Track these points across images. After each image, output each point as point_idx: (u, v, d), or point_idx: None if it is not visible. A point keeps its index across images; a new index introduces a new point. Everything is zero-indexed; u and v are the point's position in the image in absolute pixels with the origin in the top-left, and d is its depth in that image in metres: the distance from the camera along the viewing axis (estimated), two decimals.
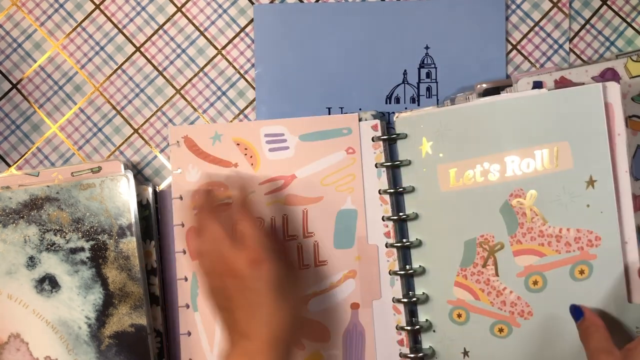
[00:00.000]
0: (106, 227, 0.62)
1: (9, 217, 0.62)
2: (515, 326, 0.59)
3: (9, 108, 0.68)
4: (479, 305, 0.60)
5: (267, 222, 0.63)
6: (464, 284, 0.60)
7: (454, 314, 0.61)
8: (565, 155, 0.57)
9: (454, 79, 0.66)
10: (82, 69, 0.68)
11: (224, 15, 0.68)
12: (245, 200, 0.62)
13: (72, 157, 0.67)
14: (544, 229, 0.58)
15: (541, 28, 0.66)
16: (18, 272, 0.62)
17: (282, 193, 0.63)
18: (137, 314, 0.62)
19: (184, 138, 0.65)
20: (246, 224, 0.55)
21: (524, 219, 0.58)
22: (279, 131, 0.64)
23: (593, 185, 0.57)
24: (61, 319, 0.62)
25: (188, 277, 0.63)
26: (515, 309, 0.59)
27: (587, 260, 0.57)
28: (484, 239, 0.59)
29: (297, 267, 0.62)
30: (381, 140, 0.63)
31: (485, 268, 0.59)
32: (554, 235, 0.58)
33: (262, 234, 0.55)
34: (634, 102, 0.61)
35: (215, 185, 0.64)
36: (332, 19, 0.67)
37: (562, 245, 0.58)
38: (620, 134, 0.58)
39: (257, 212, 0.63)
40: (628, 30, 0.66)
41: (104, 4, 0.68)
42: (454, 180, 0.60)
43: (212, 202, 0.61)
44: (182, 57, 0.68)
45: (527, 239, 0.58)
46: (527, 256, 0.58)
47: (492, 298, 0.59)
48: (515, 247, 0.59)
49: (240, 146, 0.64)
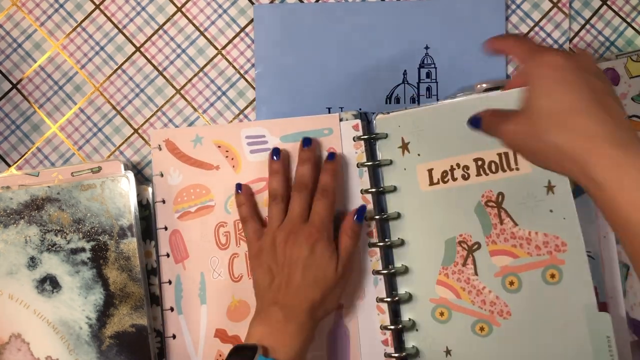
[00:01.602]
0: (107, 227, 0.62)
1: (9, 218, 0.62)
2: (495, 325, 0.59)
3: (9, 108, 0.68)
4: (460, 304, 0.60)
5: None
6: (446, 283, 0.61)
7: (436, 312, 0.61)
8: (524, 159, 0.56)
9: (454, 79, 0.66)
10: (82, 69, 0.68)
11: (224, 15, 0.68)
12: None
13: (72, 157, 0.67)
14: (515, 231, 0.59)
15: (541, 28, 0.66)
16: (19, 272, 0.62)
17: (264, 195, 0.63)
18: (137, 314, 0.62)
19: (165, 141, 0.65)
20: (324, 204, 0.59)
21: (496, 220, 0.59)
22: (259, 133, 0.64)
23: (552, 191, 0.57)
24: (62, 319, 0.62)
25: (172, 280, 0.63)
26: (494, 308, 0.59)
27: (557, 265, 0.58)
28: (462, 238, 0.60)
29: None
30: (362, 140, 0.63)
31: (465, 267, 0.60)
32: (524, 238, 0.59)
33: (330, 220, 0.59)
34: (634, 102, 0.62)
35: (198, 188, 0.64)
36: (332, 19, 0.67)
37: (533, 248, 0.58)
38: None
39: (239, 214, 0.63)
40: (628, 30, 0.66)
41: (104, 4, 0.68)
42: (432, 179, 0.61)
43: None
44: (182, 57, 0.68)
45: (501, 239, 0.59)
46: (503, 257, 0.59)
47: (472, 297, 0.60)
48: (491, 247, 0.59)
49: (221, 148, 0.64)
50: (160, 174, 0.64)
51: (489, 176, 0.59)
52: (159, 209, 0.64)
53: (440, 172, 0.61)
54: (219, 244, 0.63)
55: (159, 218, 0.64)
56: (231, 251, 0.63)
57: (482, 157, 0.60)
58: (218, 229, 0.64)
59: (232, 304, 0.63)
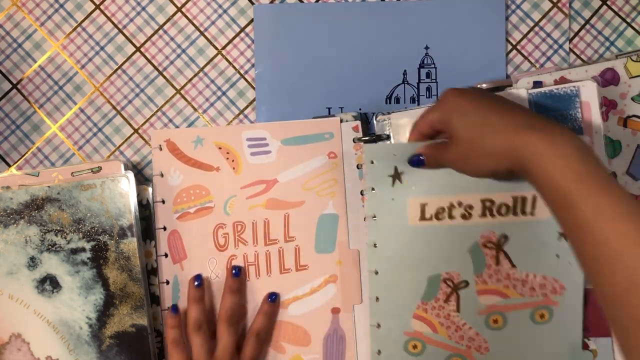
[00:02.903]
0: (107, 227, 0.62)
1: (10, 218, 0.62)
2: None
3: (9, 108, 0.68)
4: (436, 338, 0.60)
5: (247, 226, 0.63)
6: (424, 317, 0.60)
7: (409, 345, 0.60)
8: (542, 205, 0.57)
9: (454, 79, 0.66)
10: (82, 69, 0.68)
11: (224, 15, 0.68)
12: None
13: (72, 157, 0.67)
14: (511, 272, 0.58)
15: (541, 28, 0.66)
16: (19, 272, 0.62)
17: (264, 197, 0.63)
18: (137, 314, 0.62)
19: (166, 142, 0.65)
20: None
21: (492, 261, 0.58)
22: (260, 135, 0.64)
23: (566, 238, 0.56)
24: (62, 319, 0.62)
25: (170, 280, 0.63)
26: (472, 344, 0.59)
27: (549, 306, 0.58)
28: (449, 276, 0.59)
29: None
30: (362, 141, 0.63)
31: (446, 303, 0.59)
32: (520, 280, 0.58)
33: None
34: (634, 102, 0.62)
35: (198, 189, 0.64)
36: (332, 19, 0.66)
37: (527, 290, 0.58)
38: (597, 132, 0.59)
39: (238, 216, 0.63)
40: (628, 30, 0.66)
41: (104, 4, 0.68)
42: (424, 215, 0.59)
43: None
44: (182, 57, 0.68)
45: (493, 280, 0.59)
46: (491, 296, 0.59)
47: (450, 332, 0.59)
48: (480, 286, 0.59)
49: (222, 150, 0.64)
50: (160, 174, 0.64)
51: (496, 218, 0.58)
52: (159, 209, 0.64)
53: (435, 208, 0.58)
54: (218, 245, 0.63)
55: (158, 218, 0.64)
56: (229, 253, 0.63)
57: (491, 199, 0.58)
58: (217, 230, 0.64)
59: None
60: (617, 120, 0.62)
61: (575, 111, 0.59)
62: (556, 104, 0.60)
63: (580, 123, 0.59)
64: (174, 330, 0.60)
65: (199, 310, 0.60)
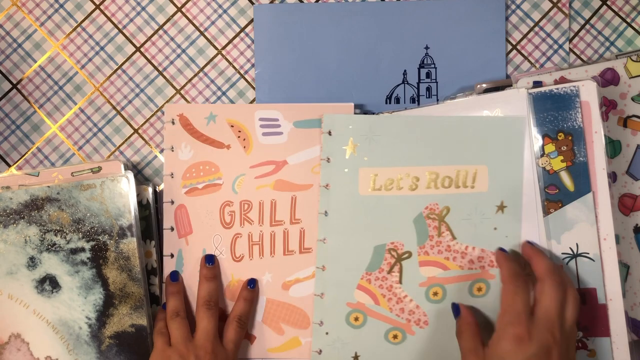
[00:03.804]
0: (107, 227, 0.62)
1: (9, 218, 0.62)
2: (409, 334, 0.61)
3: (9, 108, 0.68)
4: (377, 310, 0.61)
5: (254, 206, 0.64)
6: (367, 288, 0.61)
7: (351, 317, 0.61)
8: (482, 179, 0.60)
9: (454, 79, 0.66)
10: (82, 69, 0.68)
11: (224, 15, 0.68)
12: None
13: (72, 157, 0.67)
14: (452, 244, 0.60)
15: (541, 28, 0.66)
16: (19, 272, 0.62)
17: (272, 177, 0.64)
18: (137, 314, 0.62)
19: (179, 116, 0.65)
20: None
21: (435, 232, 0.60)
22: (274, 116, 0.64)
23: (503, 210, 0.60)
24: (62, 319, 0.62)
25: (174, 253, 0.64)
26: (412, 317, 0.61)
27: (486, 279, 0.60)
28: (393, 246, 0.61)
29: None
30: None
31: (390, 274, 0.61)
32: (459, 252, 0.60)
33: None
34: (634, 102, 0.62)
35: (207, 165, 0.64)
36: (332, 19, 0.66)
37: (466, 262, 0.60)
38: (597, 131, 0.59)
39: (245, 195, 0.64)
40: (628, 30, 0.66)
41: (104, 4, 0.68)
42: (375, 185, 0.61)
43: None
44: (182, 57, 0.68)
45: (434, 251, 0.61)
46: (432, 268, 0.61)
47: (392, 304, 0.61)
48: (422, 257, 0.61)
49: (234, 128, 0.64)
50: (171, 148, 0.65)
51: (439, 190, 0.61)
52: (167, 183, 0.64)
53: (385, 179, 0.61)
54: (224, 222, 0.64)
55: (166, 191, 0.64)
56: (235, 231, 0.64)
57: (437, 172, 0.61)
58: (224, 207, 0.64)
59: (231, 283, 0.64)
60: (617, 120, 0.62)
61: (575, 111, 0.59)
62: (556, 104, 0.60)
63: (580, 123, 0.59)
64: (175, 298, 0.62)
65: (175, 300, 0.62)
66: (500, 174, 0.60)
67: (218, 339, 0.60)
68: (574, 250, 0.59)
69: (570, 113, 0.60)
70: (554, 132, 0.60)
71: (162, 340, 0.60)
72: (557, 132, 0.60)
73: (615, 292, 0.58)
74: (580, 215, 0.59)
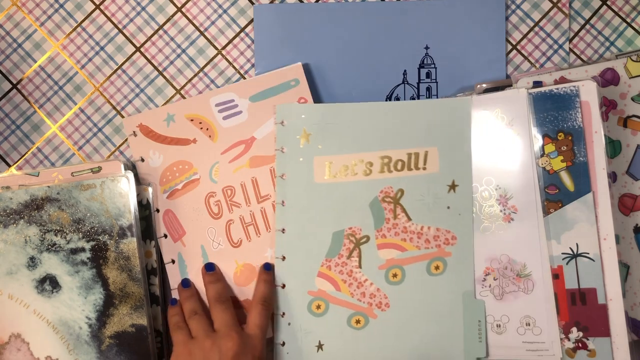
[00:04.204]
0: (107, 227, 0.62)
1: (9, 218, 0.62)
2: (371, 317, 0.62)
3: (9, 108, 0.68)
4: (339, 297, 0.62)
5: (237, 189, 0.64)
6: (327, 275, 0.62)
7: (313, 305, 0.62)
8: (433, 160, 0.62)
9: (454, 79, 0.66)
10: (82, 69, 0.68)
11: (224, 15, 0.68)
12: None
13: (72, 157, 0.67)
14: (408, 225, 0.62)
15: (541, 28, 0.66)
16: (19, 272, 0.62)
17: (246, 157, 0.64)
18: (137, 314, 0.62)
19: (139, 126, 0.65)
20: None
21: (390, 214, 0.62)
22: (228, 98, 0.65)
23: (454, 190, 0.61)
24: (62, 319, 0.62)
25: (175, 259, 0.64)
26: (373, 300, 0.62)
27: (443, 257, 0.62)
28: (351, 231, 0.62)
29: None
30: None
31: (349, 259, 0.62)
32: (415, 232, 0.62)
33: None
34: (634, 102, 0.62)
35: (180, 164, 0.65)
36: (332, 19, 0.66)
37: (422, 242, 0.62)
38: (597, 131, 0.59)
39: (225, 181, 0.64)
40: (628, 30, 0.66)
41: (104, 4, 0.68)
42: (330, 172, 0.62)
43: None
44: (182, 57, 0.68)
45: (391, 233, 0.62)
46: (390, 250, 0.62)
47: (352, 289, 0.62)
48: (380, 240, 0.62)
49: (194, 121, 0.65)
50: (140, 159, 0.65)
51: (393, 173, 0.62)
52: (148, 193, 0.65)
53: (340, 165, 0.62)
54: (212, 214, 0.64)
55: (150, 201, 0.65)
56: (225, 219, 0.64)
57: (389, 156, 0.62)
58: (208, 199, 0.64)
59: (237, 269, 0.64)
60: (617, 120, 0.62)
61: (575, 111, 0.59)
62: (556, 104, 0.60)
63: (580, 123, 0.59)
64: (190, 301, 0.62)
65: (190, 302, 0.62)
66: (450, 155, 0.62)
67: (240, 327, 0.60)
68: (574, 250, 0.59)
69: (570, 113, 0.60)
70: (554, 132, 0.60)
71: (183, 334, 0.60)
72: (557, 132, 0.60)
73: (615, 292, 0.59)
74: (580, 215, 0.59)
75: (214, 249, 0.64)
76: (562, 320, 0.60)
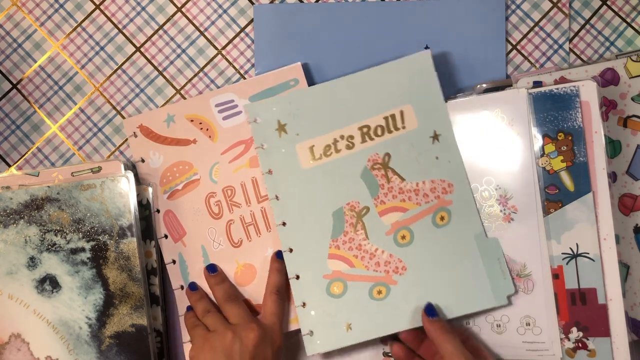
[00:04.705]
0: (107, 227, 0.62)
1: (9, 218, 0.62)
2: (392, 284, 0.61)
3: (9, 108, 0.68)
4: (354, 272, 0.62)
5: (237, 189, 0.64)
6: (338, 254, 0.62)
7: (331, 287, 0.62)
8: (410, 117, 0.63)
9: (454, 79, 0.66)
10: (82, 69, 0.68)
11: (224, 15, 0.68)
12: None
13: (72, 157, 0.67)
14: (403, 185, 0.62)
15: (541, 28, 0.66)
16: (19, 272, 0.62)
17: (245, 157, 0.64)
18: (137, 314, 0.62)
19: (139, 127, 0.65)
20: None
21: (383, 180, 0.62)
22: (228, 98, 0.65)
23: (438, 139, 0.62)
24: (62, 319, 0.62)
25: (175, 259, 0.64)
26: (389, 267, 0.61)
27: (445, 207, 0.62)
28: (350, 206, 0.62)
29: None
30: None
31: (355, 234, 0.62)
32: (412, 190, 0.62)
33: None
34: (634, 102, 0.62)
35: (181, 165, 0.65)
36: (332, 19, 0.67)
37: (421, 198, 0.62)
38: (597, 131, 0.59)
39: (225, 182, 0.64)
40: (628, 30, 0.66)
41: (104, 4, 0.68)
42: (314, 155, 0.63)
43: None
44: (182, 57, 0.68)
45: (389, 198, 0.62)
46: (392, 214, 0.62)
47: (366, 262, 0.62)
48: (380, 207, 0.62)
49: (194, 122, 0.65)
50: (141, 160, 0.65)
51: (375, 140, 0.62)
52: (149, 193, 0.65)
53: (322, 147, 0.63)
54: (212, 214, 0.64)
55: (150, 202, 0.64)
56: (226, 219, 0.64)
57: (367, 125, 0.63)
58: (208, 199, 0.64)
59: (238, 269, 0.64)
60: (617, 120, 0.62)
61: (575, 111, 0.59)
62: (556, 104, 0.60)
63: (580, 123, 0.59)
64: (201, 302, 0.62)
65: (202, 303, 0.62)
66: (425, 107, 0.62)
67: (255, 318, 0.60)
68: (574, 250, 0.59)
69: (570, 113, 0.60)
70: (554, 132, 0.60)
71: (201, 328, 0.60)
72: (557, 132, 0.60)
73: (615, 292, 0.58)
74: (580, 215, 0.59)
75: (215, 249, 0.64)
76: (562, 320, 0.60)
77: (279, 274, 0.62)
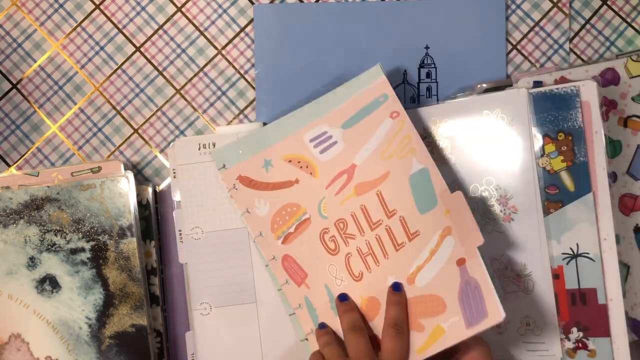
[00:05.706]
0: (106, 227, 0.62)
1: (9, 218, 0.62)
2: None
3: (9, 108, 0.68)
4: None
5: (349, 221, 0.62)
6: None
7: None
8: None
9: (454, 79, 0.66)
10: (82, 69, 0.68)
11: (224, 15, 0.68)
12: None
13: (72, 157, 0.67)
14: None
15: (541, 28, 0.66)
16: (18, 272, 0.62)
17: (350, 186, 0.62)
18: (137, 314, 0.62)
19: (239, 178, 0.64)
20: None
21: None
22: (321, 131, 0.63)
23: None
24: (62, 319, 0.62)
25: (302, 304, 0.62)
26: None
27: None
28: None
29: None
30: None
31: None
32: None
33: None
34: (634, 102, 0.62)
35: (288, 207, 0.63)
36: (332, 19, 0.66)
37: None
38: (597, 131, 0.59)
39: (335, 215, 0.62)
40: (628, 30, 0.66)
41: (104, 4, 0.68)
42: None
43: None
44: (182, 57, 0.68)
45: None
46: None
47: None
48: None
49: (292, 162, 0.63)
50: (247, 211, 0.63)
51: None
52: (260, 242, 0.63)
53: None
54: (329, 250, 0.62)
55: (265, 251, 0.63)
56: (343, 253, 0.62)
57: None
58: (323, 236, 0.62)
59: (363, 304, 0.61)
60: (617, 120, 0.62)
61: (575, 111, 0.59)
62: (556, 104, 0.60)
63: (580, 123, 0.59)
64: (331, 345, 0.59)
65: (330, 345, 0.59)
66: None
67: (374, 353, 0.56)
68: (574, 250, 0.59)
69: (571, 113, 0.60)
70: (554, 132, 0.60)
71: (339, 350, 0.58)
72: (557, 132, 0.60)
73: (615, 292, 0.58)
74: (581, 215, 0.59)
75: (338, 285, 0.61)
76: (562, 320, 0.60)
77: (397, 307, 0.58)
